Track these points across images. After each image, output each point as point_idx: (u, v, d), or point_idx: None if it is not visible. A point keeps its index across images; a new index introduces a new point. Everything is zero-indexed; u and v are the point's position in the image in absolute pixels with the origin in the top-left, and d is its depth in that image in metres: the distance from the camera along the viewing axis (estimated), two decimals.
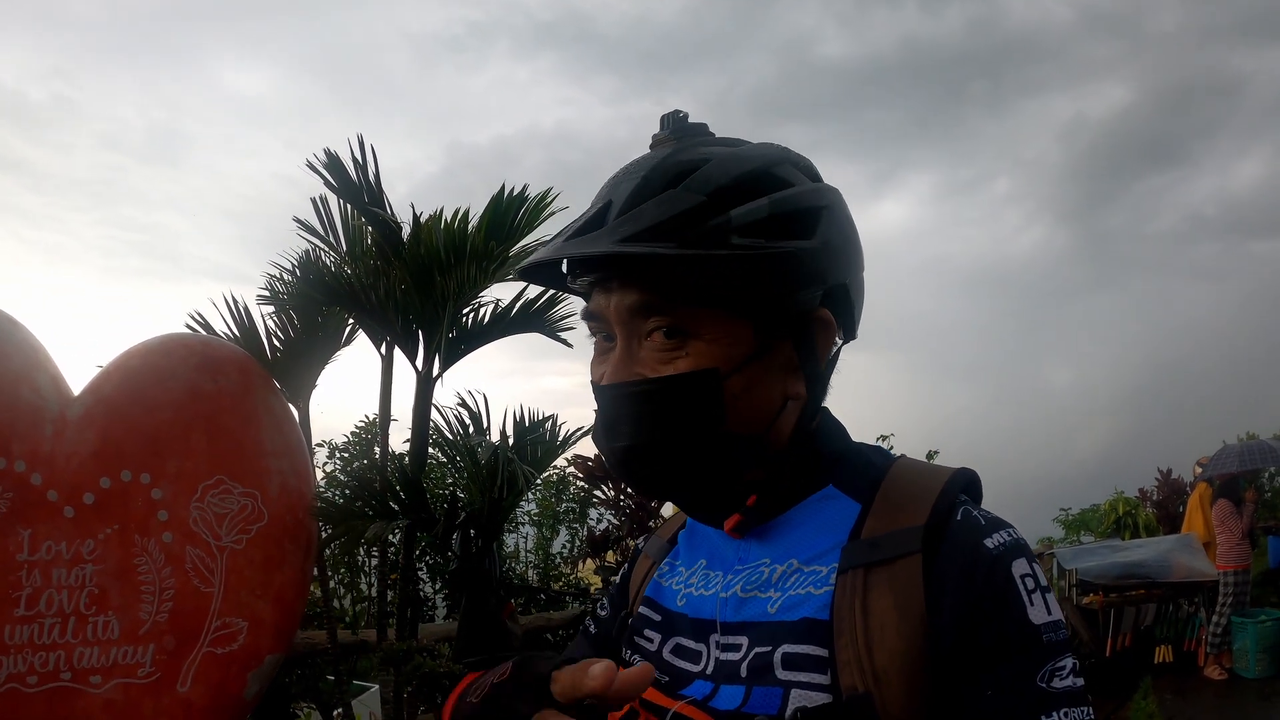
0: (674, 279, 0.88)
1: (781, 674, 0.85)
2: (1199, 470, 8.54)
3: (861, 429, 1.05)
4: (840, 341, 1.03)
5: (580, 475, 8.43)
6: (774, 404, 0.95)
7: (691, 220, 0.84)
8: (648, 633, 1.04)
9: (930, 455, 7.04)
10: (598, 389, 0.95)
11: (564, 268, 1.00)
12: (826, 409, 1.03)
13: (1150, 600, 7.75)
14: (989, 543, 0.85)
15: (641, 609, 1.08)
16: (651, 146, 0.94)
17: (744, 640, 0.91)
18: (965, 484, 0.94)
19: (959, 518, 0.88)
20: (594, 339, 0.99)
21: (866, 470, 0.97)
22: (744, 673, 0.88)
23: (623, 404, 0.91)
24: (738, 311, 0.90)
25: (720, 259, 0.84)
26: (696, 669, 0.95)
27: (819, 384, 0.98)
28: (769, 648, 0.87)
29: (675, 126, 0.94)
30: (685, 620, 1.00)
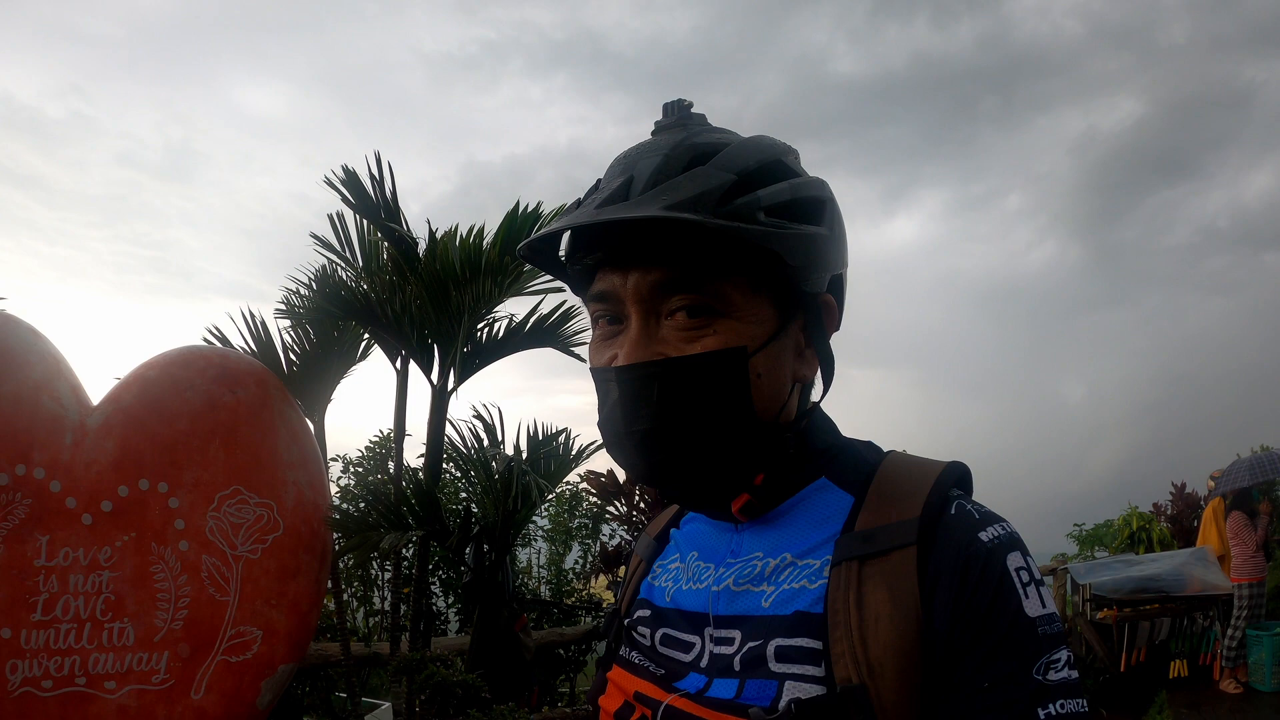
0: (703, 253, 0.87)
1: (775, 666, 0.84)
2: (1212, 484, 8.49)
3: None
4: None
5: (593, 491, 8.46)
6: (787, 386, 0.95)
7: (724, 196, 0.85)
8: (641, 629, 1.03)
9: None
10: (611, 371, 0.91)
11: (562, 250, 0.98)
12: (818, 406, 1.03)
13: (1165, 614, 7.69)
14: (984, 536, 0.84)
15: (636, 610, 1.07)
16: (655, 133, 0.94)
17: (737, 634, 0.90)
18: (957, 478, 0.93)
19: (953, 511, 0.87)
20: (597, 322, 0.95)
21: (859, 464, 0.97)
22: (737, 666, 0.88)
23: (645, 385, 0.88)
24: (761, 289, 0.90)
25: (754, 232, 0.84)
26: (688, 659, 0.94)
27: (830, 363, 0.98)
28: (762, 641, 0.87)
29: (681, 114, 0.94)
30: (676, 613, 1.00)
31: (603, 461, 8.64)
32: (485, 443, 4.59)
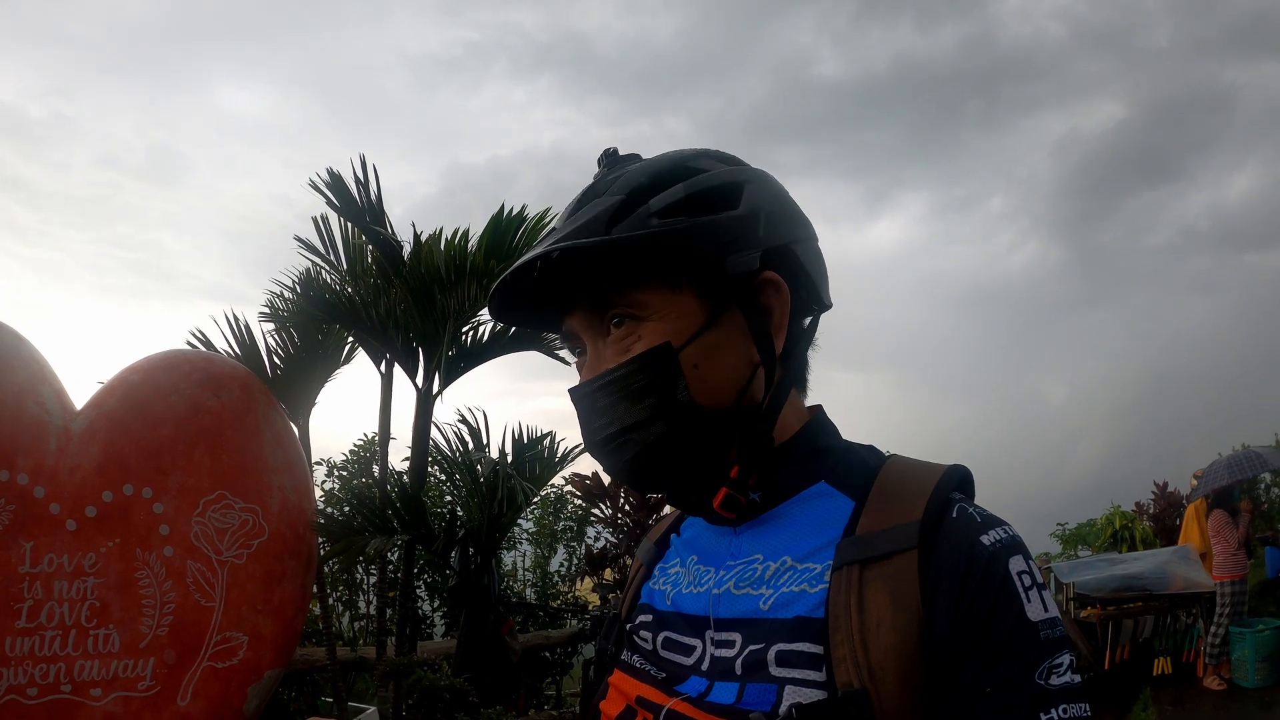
0: (611, 270, 0.92)
1: (776, 671, 0.84)
2: (1195, 483, 8.55)
3: None
4: (817, 310, 1.03)
5: (578, 493, 8.46)
6: (740, 371, 0.95)
7: (614, 217, 0.89)
8: (644, 633, 1.03)
9: None
10: (573, 393, 0.98)
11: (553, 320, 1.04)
12: (821, 409, 1.03)
13: (1148, 612, 7.72)
14: (985, 539, 0.84)
15: (637, 615, 1.07)
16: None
17: (737, 637, 0.90)
18: (959, 481, 0.93)
19: (954, 514, 0.87)
20: (576, 362, 1.02)
21: (859, 467, 0.97)
22: (738, 669, 0.87)
23: (595, 398, 0.94)
24: (677, 284, 0.93)
25: (641, 236, 0.88)
26: (690, 663, 0.94)
27: (765, 340, 0.96)
28: (762, 645, 0.87)
29: (609, 160, 1.00)
30: (677, 616, 1.00)
31: (587, 464, 8.62)
32: (470, 446, 4.59)
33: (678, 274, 0.92)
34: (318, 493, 4.89)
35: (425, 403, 4.35)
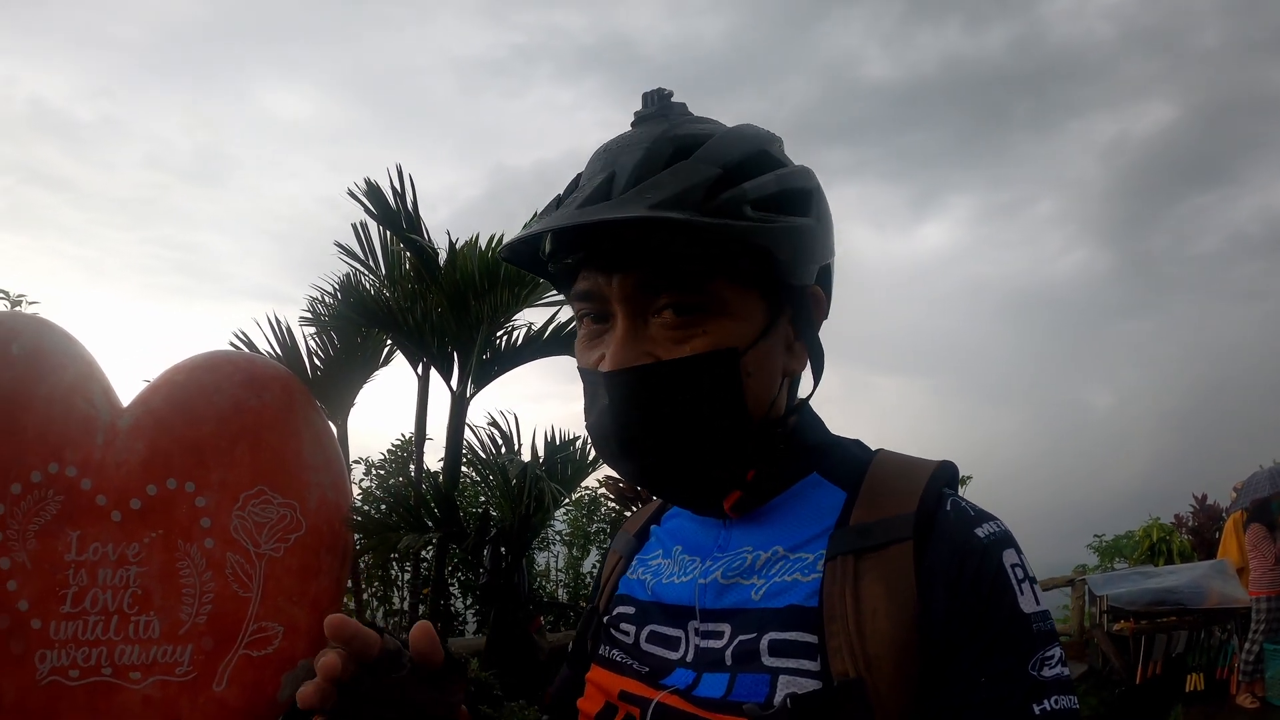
0: (690, 250, 0.85)
1: (768, 660, 0.83)
2: (1234, 495, 8.38)
3: None
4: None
5: (611, 496, 8.51)
6: (777, 382, 0.94)
7: (710, 191, 0.83)
8: (624, 626, 1.01)
9: (964, 481, 6.95)
10: (599, 375, 0.89)
11: (545, 246, 0.94)
12: (806, 400, 1.02)
13: (1182, 627, 7.58)
14: (980, 532, 0.85)
15: (616, 607, 1.05)
16: (635, 124, 0.92)
17: (726, 627, 0.89)
18: (949, 476, 0.94)
19: (948, 507, 0.87)
20: (583, 320, 0.94)
21: (850, 460, 0.97)
22: (728, 660, 0.87)
23: (635, 389, 0.86)
24: (749, 285, 0.89)
25: (742, 229, 0.83)
26: (675, 656, 0.93)
27: (820, 356, 0.97)
28: (754, 634, 0.86)
29: (661, 103, 0.93)
30: (659, 608, 0.98)
31: None
32: (502, 448, 4.67)
33: (752, 272, 0.88)
34: (356, 490, 5.01)
35: (459, 405, 4.46)
